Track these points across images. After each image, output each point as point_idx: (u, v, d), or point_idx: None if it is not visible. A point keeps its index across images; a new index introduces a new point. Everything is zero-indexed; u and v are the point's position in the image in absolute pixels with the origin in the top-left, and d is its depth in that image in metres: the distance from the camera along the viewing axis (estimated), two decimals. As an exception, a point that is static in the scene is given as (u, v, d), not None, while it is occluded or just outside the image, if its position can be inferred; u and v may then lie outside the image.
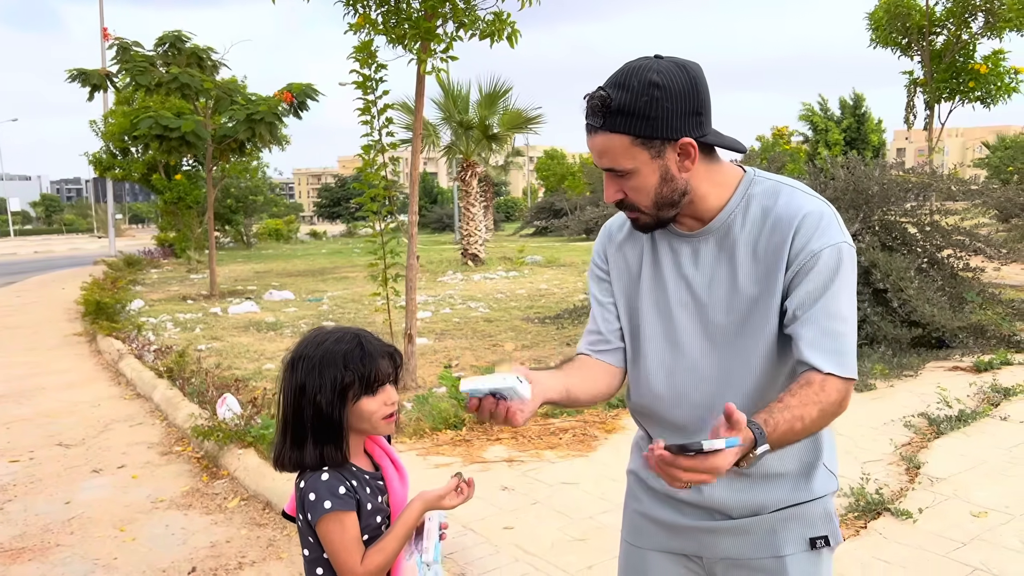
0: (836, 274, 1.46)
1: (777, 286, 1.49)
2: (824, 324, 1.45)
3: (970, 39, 13.73)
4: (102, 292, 12.28)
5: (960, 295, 7.58)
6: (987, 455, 4.46)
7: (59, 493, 4.77)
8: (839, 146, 35.17)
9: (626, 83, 1.44)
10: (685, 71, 1.45)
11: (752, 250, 1.53)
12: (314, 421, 1.68)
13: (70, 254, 37.43)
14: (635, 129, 1.44)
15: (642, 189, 1.50)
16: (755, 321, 1.53)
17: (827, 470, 1.63)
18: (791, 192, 1.54)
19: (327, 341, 1.73)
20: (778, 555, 1.59)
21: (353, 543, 1.68)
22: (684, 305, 1.60)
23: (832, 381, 1.44)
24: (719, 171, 1.55)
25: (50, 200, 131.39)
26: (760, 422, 1.37)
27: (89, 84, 14.07)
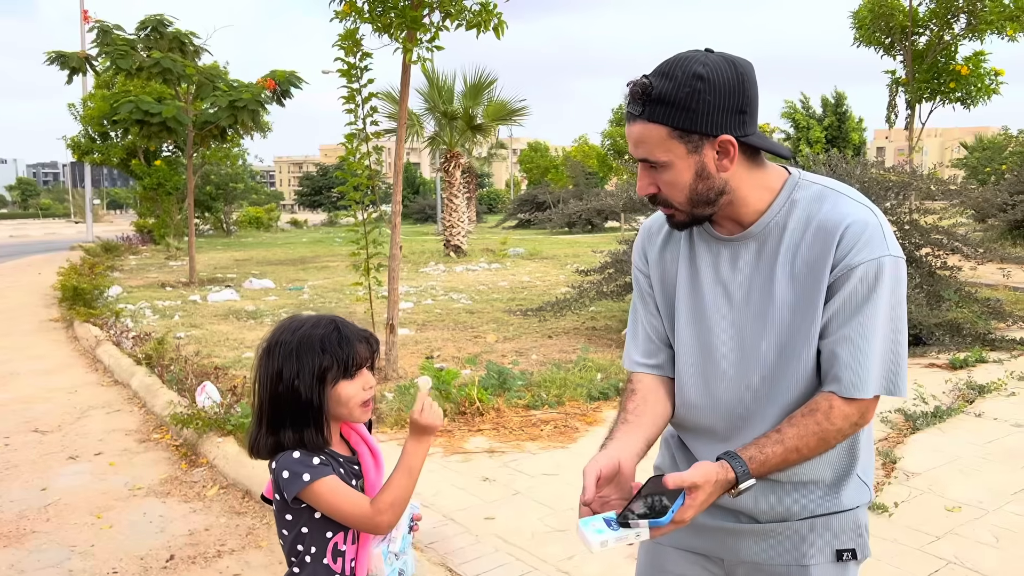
0: (875, 291, 1.40)
1: (819, 297, 1.43)
2: (849, 344, 1.42)
3: (952, 40, 13.87)
4: (79, 278, 12.13)
5: (937, 293, 7.67)
6: (962, 451, 4.53)
7: (35, 480, 4.72)
8: (820, 144, 35.44)
9: (670, 72, 1.39)
10: (733, 67, 1.40)
11: (792, 258, 1.47)
12: (293, 407, 1.68)
13: (46, 239, 36.96)
14: (674, 120, 1.39)
15: (676, 184, 1.45)
16: (793, 332, 1.47)
17: (860, 480, 1.58)
18: (836, 198, 1.47)
19: (304, 327, 1.73)
20: (802, 564, 1.55)
21: (351, 494, 1.68)
22: (720, 312, 1.55)
23: (840, 407, 1.42)
24: (762, 174, 1.49)
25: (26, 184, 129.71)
26: (746, 458, 1.41)
27: (68, 67, 13.84)
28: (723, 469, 1.40)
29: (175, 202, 21.99)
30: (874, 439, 4.67)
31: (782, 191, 1.50)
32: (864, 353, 1.42)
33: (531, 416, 5.30)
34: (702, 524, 1.60)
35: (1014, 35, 13.40)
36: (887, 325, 1.43)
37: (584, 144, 44.83)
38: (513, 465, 4.48)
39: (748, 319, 1.52)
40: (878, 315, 1.42)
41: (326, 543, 1.74)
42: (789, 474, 1.51)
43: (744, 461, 1.40)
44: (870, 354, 1.42)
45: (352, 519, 1.70)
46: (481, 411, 5.27)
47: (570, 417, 5.27)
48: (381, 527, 1.72)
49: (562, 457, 4.58)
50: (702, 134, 1.40)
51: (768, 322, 1.49)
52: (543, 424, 5.13)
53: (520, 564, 3.30)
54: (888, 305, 1.42)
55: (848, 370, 1.42)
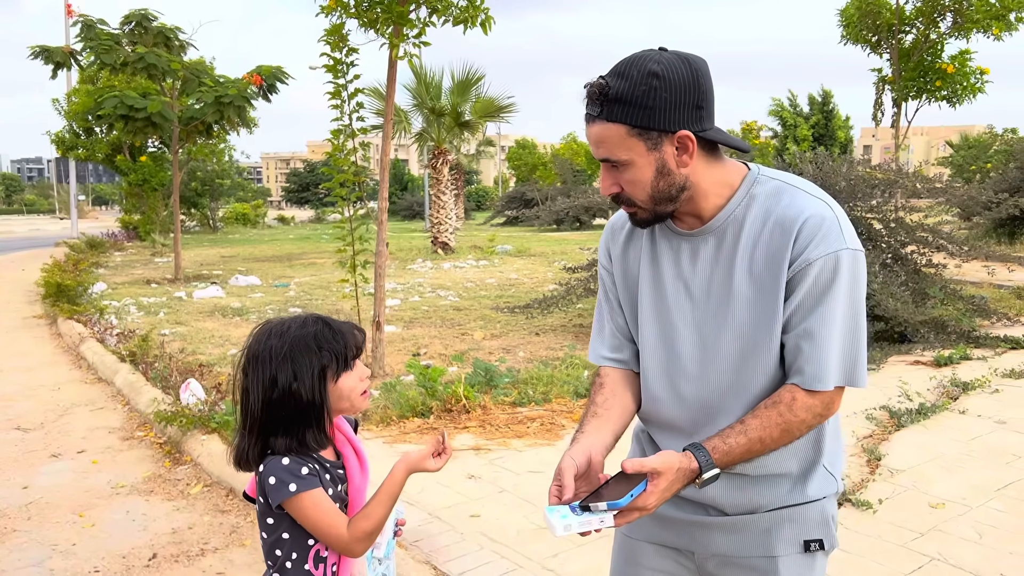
0: (833, 284, 1.42)
1: (778, 292, 1.46)
2: (815, 332, 1.44)
3: (938, 39, 13.95)
4: (63, 274, 12.02)
5: (923, 291, 7.72)
6: (946, 448, 4.55)
7: (17, 478, 4.68)
8: (807, 142, 35.58)
9: (626, 72, 1.41)
10: (687, 63, 1.42)
11: (751, 253, 1.49)
12: (290, 411, 1.65)
13: (31, 235, 36.61)
14: (632, 118, 1.41)
15: (638, 182, 1.47)
16: (753, 326, 1.49)
17: (827, 471, 1.59)
18: (794, 193, 1.49)
19: (291, 329, 1.69)
20: (770, 555, 1.57)
21: (332, 513, 1.66)
22: (682, 307, 1.57)
23: (803, 399, 1.45)
24: (721, 169, 1.51)
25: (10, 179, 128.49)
26: (709, 448, 1.44)
27: (52, 62, 13.72)
28: (686, 459, 1.43)
29: (161, 198, 21.82)
30: (858, 436, 4.70)
31: (741, 186, 1.52)
32: (825, 346, 1.44)
33: (517, 413, 5.29)
34: (672, 518, 1.63)
35: (1000, 34, 13.49)
36: (846, 317, 1.45)
37: (572, 142, 44.87)
38: (499, 463, 4.47)
39: (709, 314, 1.54)
40: (837, 308, 1.44)
41: (308, 549, 1.71)
42: (756, 467, 1.53)
43: (707, 451, 1.43)
44: (830, 347, 1.44)
45: (327, 539, 1.67)
46: (467, 408, 5.26)
47: (556, 414, 5.26)
48: (354, 553, 1.69)
49: (548, 454, 4.57)
50: (660, 131, 1.42)
51: (728, 317, 1.51)
52: (529, 421, 5.13)
53: (505, 562, 3.29)
54: (847, 298, 1.44)
55: (810, 363, 1.45)
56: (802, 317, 1.45)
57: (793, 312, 1.46)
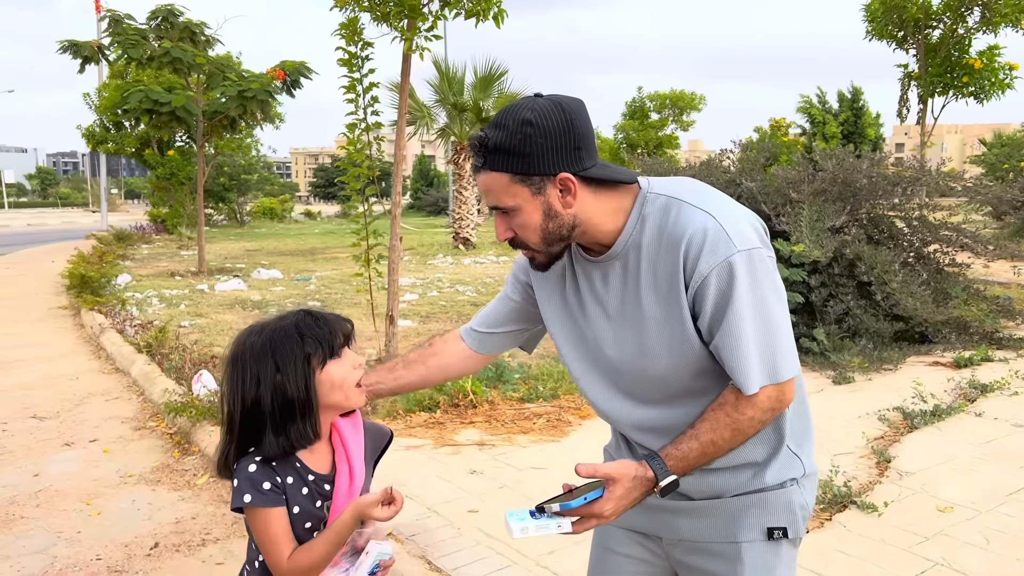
0: (731, 291, 1.43)
1: (682, 309, 1.48)
2: (730, 343, 1.45)
3: (966, 34, 13.67)
4: (87, 266, 12.22)
5: (945, 290, 7.57)
6: (958, 450, 4.46)
7: (28, 465, 4.75)
8: (836, 139, 35.05)
9: (503, 123, 1.46)
10: (560, 108, 1.45)
11: (653, 274, 1.52)
12: (275, 408, 1.58)
13: (63, 227, 37.25)
14: (512, 166, 1.45)
15: (528, 226, 1.50)
16: (668, 343, 1.52)
17: (791, 453, 1.60)
18: (680, 208, 1.50)
19: (269, 326, 1.65)
20: (734, 540, 1.59)
21: (279, 537, 1.60)
22: (603, 327, 1.61)
23: (745, 399, 1.47)
24: (610, 198, 1.53)
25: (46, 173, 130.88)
26: (663, 455, 1.48)
27: (80, 56, 13.92)
28: (642, 467, 1.47)
29: (188, 192, 22.09)
30: (869, 437, 4.62)
31: (633, 209, 1.54)
32: (740, 354, 1.45)
33: (524, 409, 5.27)
34: (643, 503, 1.62)
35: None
36: (754, 319, 1.45)
37: (596, 137, 44.60)
38: (502, 458, 4.45)
39: (626, 334, 1.57)
40: (743, 313, 1.44)
41: None
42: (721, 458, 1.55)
43: (662, 459, 1.47)
44: (747, 354, 1.45)
45: (267, 560, 1.62)
46: (474, 403, 5.25)
47: (564, 411, 5.24)
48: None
49: (552, 451, 4.55)
50: (542, 175, 1.46)
51: (646, 335, 1.54)
52: (536, 417, 5.10)
53: (500, 558, 3.27)
54: (750, 299, 1.44)
55: (734, 372, 1.47)
56: (714, 330, 1.47)
57: (707, 326, 1.48)
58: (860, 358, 6.32)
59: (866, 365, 6.26)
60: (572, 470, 1.48)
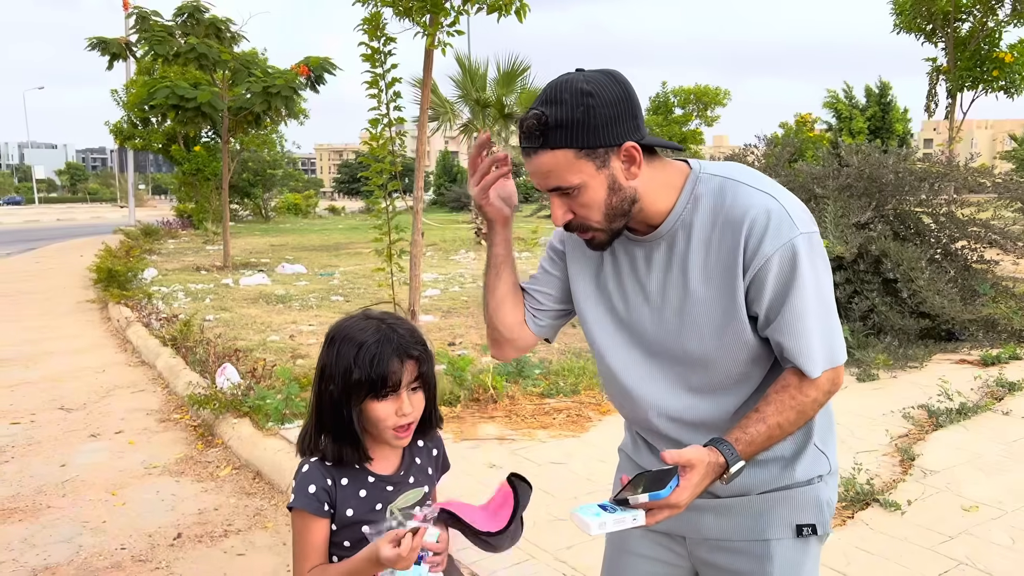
0: (795, 273, 1.43)
1: (737, 291, 1.46)
2: (791, 326, 1.44)
3: (996, 27, 13.43)
4: (115, 260, 12.38)
5: (972, 287, 7.46)
6: (984, 449, 4.40)
7: (56, 456, 4.83)
8: (863, 134, 34.66)
9: (558, 98, 1.40)
10: (612, 77, 1.43)
11: (705, 253, 1.49)
12: (330, 410, 1.57)
13: (91, 222, 37.82)
14: (577, 141, 1.40)
15: (592, 204, 1.46)
16: (715, 326, 1.49)
17: (818, 450, 1.59)
18: (737, 188, 1.48)
19: (354, 328, 1.58)
20: (763, 538, 1.57)
21: (308, 547, 1.57)
22: (642, 311, 1.58)
23: (808, 381, 1.46)
24: (663, 172, 1.51)
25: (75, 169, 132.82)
26: (732, 440, 1.43)
27: (108, 53, 14.13)
28: (712, 453, 1.42)
29: (213, 187, 22.30)
30: (893, 435, 4.57)
31: (684, 188, 1.51)
32: (804, 337, 1.45)
33: (544, 404, 5.27)
34: None
35: (1064, 22, 12.94)
36: (816, 303, 1.45)
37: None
38: (522, 453, 4.46)
39: (668, 317, 1.54)
40: (807, 296, 1.44)
41: None
42: None
43: (731, 444, 1.43)
44: (810, 336, 1.45)
45: (293, 563, 1.62)
46: (495, 398, 5.26)
47: (584, 406, 5.23)
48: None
49: (571, 446, 4.54)
50: (606, 147, 1.42)
51: (690, 318, 1.51)
52: (556, 412, 5.10)
53: (519, 552, 3.27)
54: (812, 282, 1.44)
55: (794, 356, 1.46)
56: (775, 314, 1.45)
57: (766, 308, 1.46)
58: (885, 355, 6.25)
59: (891, 363, 6.19)
60: (591, 465, 1.46)
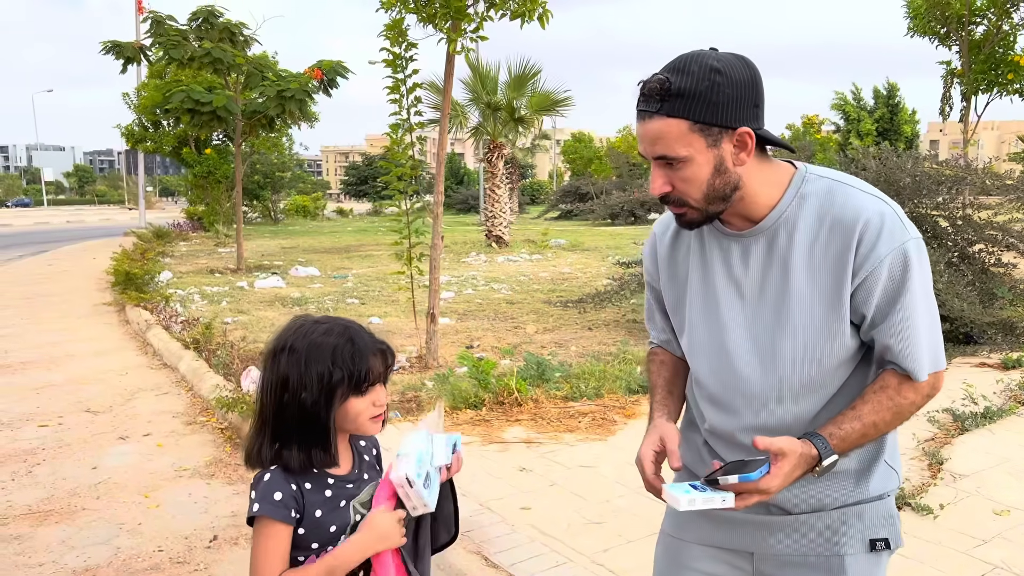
0: (906, 276, 1.44)
1: (843, 292, 1.46)
2: (901, 329, 1.45)
3: (1011, 30, 13.42)
4: (131, 263, 12.45)
5: (991, 291, 7.46)
6: (1012, 453, 4.41)
7: (86, 458, 4.87)
8: (871, 136, 34.63)
9: (685, 68, 1.40)
10: (744, 62, 1.43)
11: (808, 253, 1.48)
12: (298, 419, 1.56)
13: (101, 225, 37.97)
14: (695, 114, 1.39)
15: (694, 180, 1.45)
16: (816, 324, 1.48)
17: (888, 467, 1.59)
18: (847, 192, 1.49)
19: (314, 333, 1.60)
20: (837, 554, 1.56)
21: (275, 555, 1.54)
22: (732, 307, 1.56)
23: (909, 383, 1.47)
24: (771, 168, 1.51)
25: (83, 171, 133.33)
26: (826, 435, 1.44)
27: (123, 56, 14.21)
28: (805, 445, 1.43)
29: (224, 190, 22.40)
30: (920, 439, 4.59)
31: (790, 186, 1.51)
32: (913, 340, 1.46)
33: (569, 408, 5.30)
34: (731, 518, 1.61)
35: (1078, 25, 12.93)
36: (924, 306, 1.47)
37: (628, 135, 44.48)
38: (550, 456, 4.49)
39: (763, 314, 1.53)
40: (916, 299, 1.45)
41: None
42: None
43: (824, 438, 1.44)
44: (919, 340, 1.46)
45: (253, 572, 1.56)
46: (519, 402, 5.29)
47: (608, 410, 5.26)
48: None
49: (600, 449, 4.57)
50: (722, 127, 1.41)
51: (786, 316, 1.50)
52: (581, 416, 5.13)
53: (555, 555, 3.31)
54: (921, 287, 1.46)
55: (902, 359, 1.47)
56: (884, 315, 1.46)
57: (875, 311, 1.46)
58: (906, 359, 6.25)
59: (912, 366, 6.19)
60: (621, 468, 1.50)
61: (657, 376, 1.76)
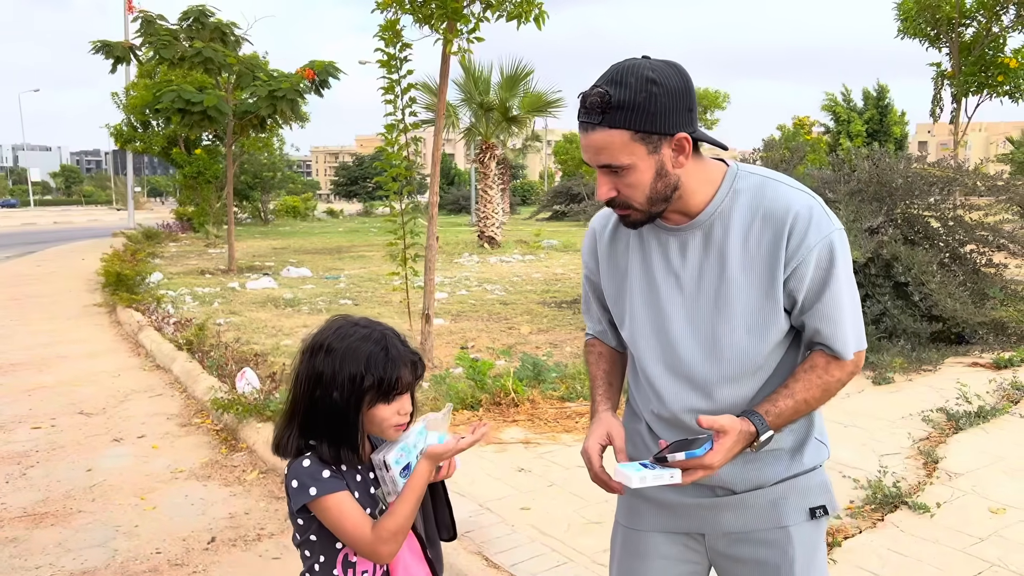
0: (832, 265, 1.55)
1: (776, 279, 1.56)
2: (829, 313, 1.57)
3: (1001, 32, 13.51)
4: (122, 264, 12.38)
5: (982, 291, 7.51)
6: (1006, 452, 4.44)
7: (81, 461, 4.84)
8: (861, 138, 34.78)
9: (623, 80, 1.47)
10: (676, 69, 1.51)
11: (743, 243, 1.58)
12: (328, 416, 1.63)
13: (89, 225, 37.73)
14: (635, 124, 1.47)
15: (637, 185, 1.53)
16: (752, 310, 1.58)
17: (819, 442, 1.71)
18: (776, 187, 1.59)
19: (353, 336, 1.66)
20: (782, 525, 1.67)
21: (356, 516, 1.62)
22: (672, 298, 1.65)
23: (836, 362, 1.60)
24: (705, 166, 1.60)
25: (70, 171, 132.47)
26: (762, 412, 1.56)
27: (113, 56, 14.10)
28: (744, 423, 1.54)
29: (214, 190, 22.29)
30: (915, 438, 4.62)
31: (723, 182, 1.61)
32: (840, 323, 1.58)
33: (566, 408, 5.30)
34: (680, 504, 1.71)
35: (1067, 27, 13.02)
36: (848, 291, 1.59)
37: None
38: (548, 456, 4.49)
39: (702, 303, 1.62)
40: (842, 285, 1.57)
41: (336, 553, 1.68)
42: None
43: (761, 415, 1.55)
44: (845, 322, 1.59)
45: (351, 542, 1.64)
46: (516, 402, 5.29)
47: (605, 410, 5.26)
48: (381, 556, 1.65)
49: (597, 450, 4.57)
50: (661, 134, 1.50)
51: (725, 304, 1.60)
52: (578, 416, 5.13)
53: (555, 555, 3.31)
54: (845, 273, 1.58)
55: (831, 340, 1.59)
56: (814, 300, 1.57)
57: (805, 296, 1.57)
58: (900, 359, 6.30)
59: (906, 366, 6.24)
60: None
61: (596, 368, 1.86)
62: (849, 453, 4.42)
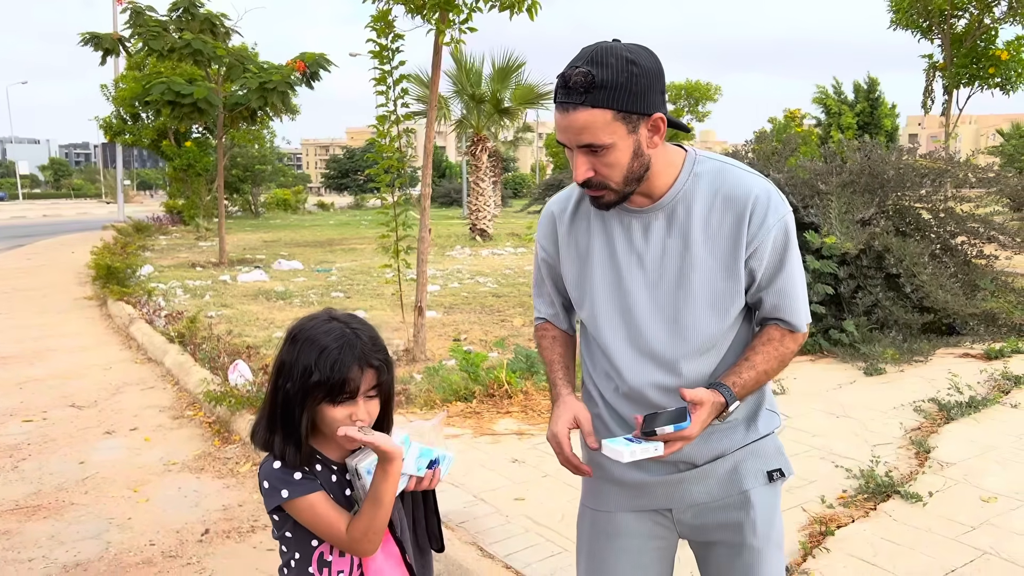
0: (787, 244, 1.65)
1: (738, 259, 1.63)
2: (785, 289, 1.68)
3: (992, 24, 13.55)
4: (112, 257, 12.32)
5: (973, 282, 7.55)
6: (997, 441, 4.47)
7: (73, 453, 4.82)
8: (852, 130, 34.88)
9: (603, 61, 1.49)
10: (649, 52, 1.55)
11: (705, 224, 1.64)
12: (281, 408, 1.58)
13: (79, 218, 37.51)
14: (618, 103, 1.50)
15: (616, 165, 1.56)
16: (715, 290, 1.65)
17: (770, 411, 1.80)
18: (735, 172, 1.66)
19: (318, 329, 1.59)
20: (742, 490, 1.75)
21: (330, 515, 1.58)
22: (634, 277, 1.69)
23: (791, 335, 1.71)
24: (667, 151, 1.66)
25: (59, 164, 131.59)
26: (729, 384, 1.64)
27: (101, 48, 13.98)
28: (714, 394, 1.61)
29: (204, 183, 22.20)
30: (906, 428, 4.64)
31: (684, 166, 1.67)
32: (795, 298, 1.70)
33: (560, 399, 5.30)
34: (645, 482, 1.75)
35: (1058, 19, 13.06)
36: (799, 270, 1.70)
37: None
38: (542, 447, 4.49)
39: (665, 284, 1.68)
40: (795, 264, 1.68)
41: (311, 551, 1.65)
42: None
43: (729, 387, 1.63)
44: (799, 297, 1.71)
45: (330, 540, 1.61)
46: (509, 394, 5.29)
47: (599, 401, 5.26)
48: (361, 552, 1.62)
49: (591, 440, 4.58)
50: (640, 114, 1.53)
51: (688, 282, 1.66)
52: (572, 407, 5.13)
53: (550, 545, 3.31)
54: (796, 253, 1.69)
55: (789, 314, 1.70)
56: (772, 276, 1.67)
57: (763, 274, 1.66)
58: (892, 349, 6.32)
59: (898, 356, 6.26)
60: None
61: (551, 352, 1.89)
62: (842, 443, 4.45)
